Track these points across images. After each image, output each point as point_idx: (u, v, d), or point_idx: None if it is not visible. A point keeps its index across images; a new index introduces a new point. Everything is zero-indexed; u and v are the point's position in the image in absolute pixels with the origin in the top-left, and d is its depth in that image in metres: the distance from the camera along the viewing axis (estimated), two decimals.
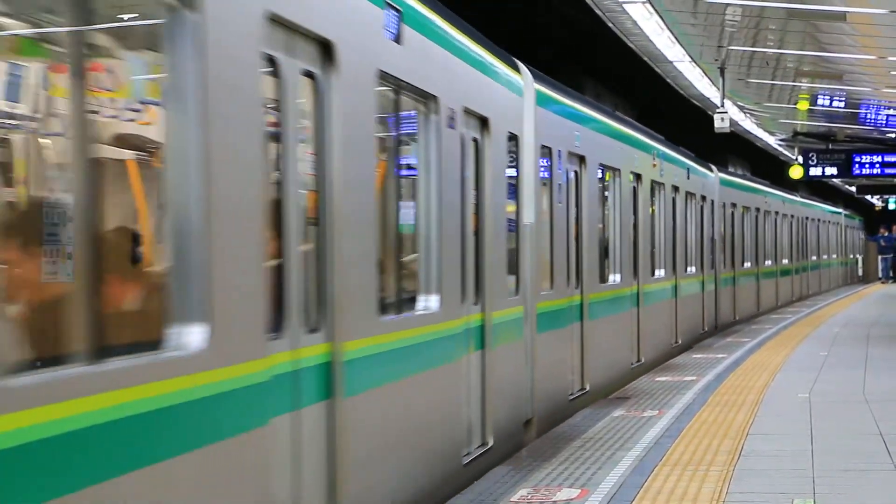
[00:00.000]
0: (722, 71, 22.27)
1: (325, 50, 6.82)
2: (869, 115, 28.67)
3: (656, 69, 22.25)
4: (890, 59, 20.46)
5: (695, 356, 19.46)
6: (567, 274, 13.71)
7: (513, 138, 11.56)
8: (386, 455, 7.71)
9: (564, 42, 21.46)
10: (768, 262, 33.55)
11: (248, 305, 5.69)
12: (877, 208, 62.12)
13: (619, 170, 16.61)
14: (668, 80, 23.85)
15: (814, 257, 44.36)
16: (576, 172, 14.29)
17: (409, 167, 9.14)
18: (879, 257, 53.46)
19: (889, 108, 27.68)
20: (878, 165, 31.46)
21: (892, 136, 31.81)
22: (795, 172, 31.99)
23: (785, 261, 36.59)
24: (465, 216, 9.93)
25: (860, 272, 59.29)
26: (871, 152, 31.73)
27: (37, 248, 4.60)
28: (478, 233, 10.43)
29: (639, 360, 17.47)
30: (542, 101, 12.54)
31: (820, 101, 27.14)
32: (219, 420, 5.37)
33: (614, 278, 16.33)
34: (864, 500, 8.13)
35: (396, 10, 8.08)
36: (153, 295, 5.34)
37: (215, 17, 5.33)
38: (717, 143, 27.93)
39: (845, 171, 31.67)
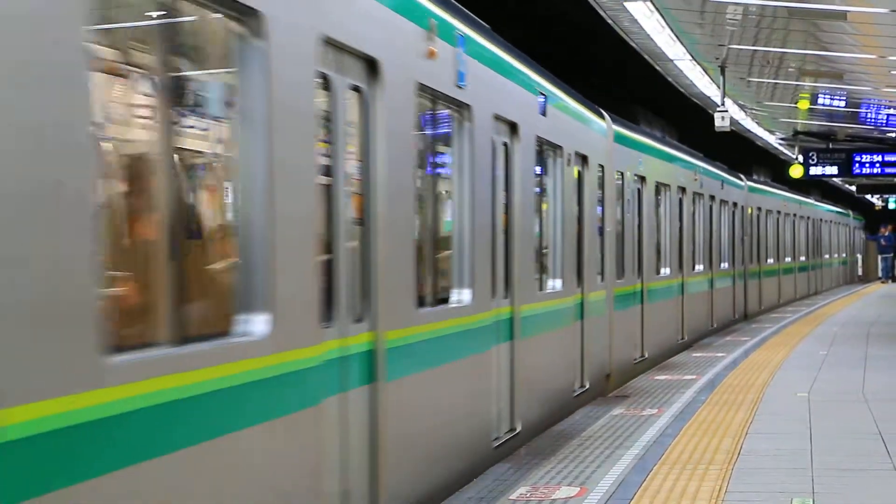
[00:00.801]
0: (722, 69, 22.25)
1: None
2: (869, 115, 28.65)
3: (656, 67, 22.25)
4: (890, 58, 20.45)
5: (694, 355, 19.47)
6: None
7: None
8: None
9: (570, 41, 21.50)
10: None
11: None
12: (877, 207, 62.13)
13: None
14: (669, 79, 23.85)
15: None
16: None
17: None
18: (879, 257, 53.51)
19: (889, 108, 27.66)
20: (878, 165, 31.45)
21: (893, 135, 31.78)
22: (796, 171, 31.97)
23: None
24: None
25: (860, 271, 59.47)
26: (872, 151, 31.71)
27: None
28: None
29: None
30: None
31: (820, 101, 27.13)
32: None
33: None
34: (863, 500, 8.13)
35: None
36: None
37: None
38: (717, 142, 27.93)
39: (845, 170, 31.65)
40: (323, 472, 6.56)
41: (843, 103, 27.17)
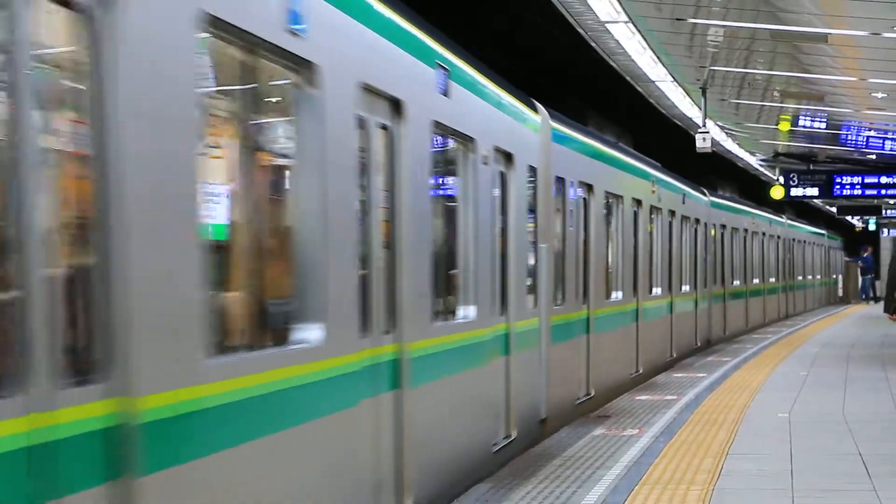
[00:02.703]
0: (704, 91, 22.34)
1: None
2: (850, 137, 28.79)
3: (638, 88, 22.33)
4: (871, 80, 20.57)
5: (675, 375, 19.49)
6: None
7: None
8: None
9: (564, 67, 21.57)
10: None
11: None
12: (857, 229, 62.36)
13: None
14: (651, 100, 23.93)
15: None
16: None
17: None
18: (861, 278, 53.68)
19: (870, 130, 27.80)
20: (858, 186, 31.57)
21: (873, 157, 31.94)
22: (777, 193, 32.09)
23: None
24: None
25: (840, 292, 59.50)
26: (852, 173, 31.85)
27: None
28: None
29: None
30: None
31: (801, 122, 27.25)
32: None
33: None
34: None
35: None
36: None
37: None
38: (700, 163, 28.01)
39: (826, 191, 31.77)
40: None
41: (823, 125, 27.30)
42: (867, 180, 31.46)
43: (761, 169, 38.64)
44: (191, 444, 5.25)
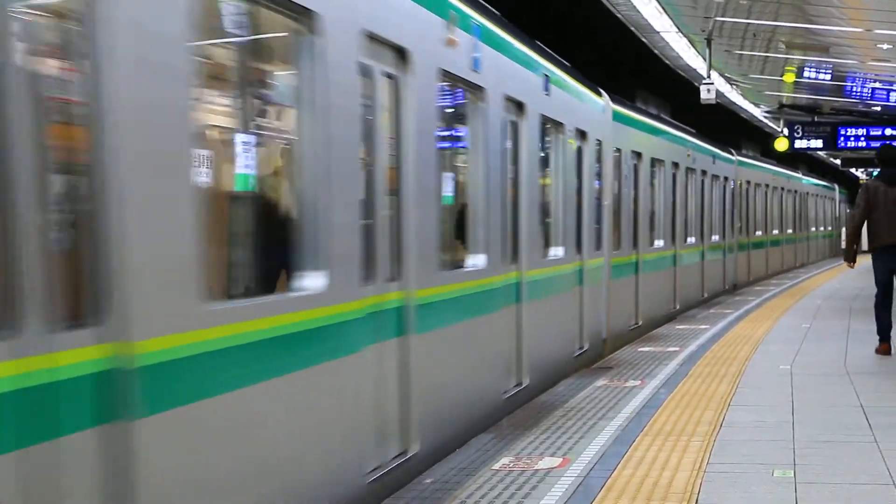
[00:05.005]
0: (709, 42, 22.23)
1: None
2: (855, 88, 28.68)
3: (643, 39, 22.22)
4: (876, 31, 20.45)
5: (678, 327, 19.52)
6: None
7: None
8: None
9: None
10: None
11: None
12: (861, 181, 62.26)
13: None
14: (655, 51, 23.82)
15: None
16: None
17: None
18: None
19: (875, 82, 27.70)
20: (863, 138, 31.48)
21: (878, 109, 31.82)
22: (781, 145, 32.00)
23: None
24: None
25: (843, 245, 59.62)
26: (857, 125, 31.75)
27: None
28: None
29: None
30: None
31: (806, 74, 27.13)
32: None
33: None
34: (844, 471, 8.17)
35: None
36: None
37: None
38: (702, 114, 27.94)
39: (830, 144, 31.68)
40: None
41: (828, 77, 27.18)
42: (872, 132, 31.36)
43: (765, 120, 38.52)
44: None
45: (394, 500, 7.90)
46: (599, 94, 16.81)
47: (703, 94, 23.18)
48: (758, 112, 36.55)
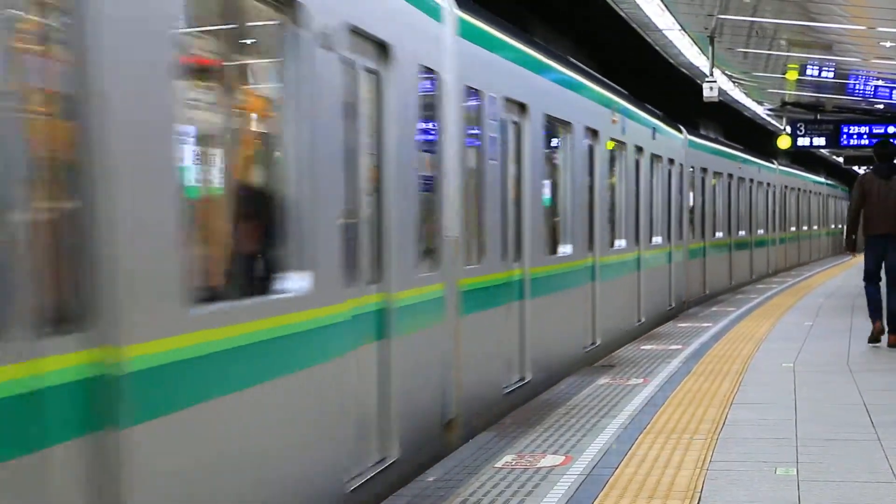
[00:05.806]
0: (711, 40, 22.21)
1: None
2: (857, 86, 28.63)
3: (646, 37, 22.19)
4: (879, 29, 20.43)
5: (680, 325, 19.51)
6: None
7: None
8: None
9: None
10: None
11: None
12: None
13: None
14: (657, 48, 23.80)
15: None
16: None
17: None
18: None
19: (877, 79, 27.65)
20: (865, 136, 31.42)
21: (881, 107, 31.78)
22: (783, 143, 31.96)
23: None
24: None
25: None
26: (859, 123, 31.71)
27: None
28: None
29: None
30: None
31: (809, 72, 27.10)
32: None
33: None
34: (847, 469, 8.16)
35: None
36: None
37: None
38: (704, 112, 27.91)
39: (833, 141, 31.63)
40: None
41: (831, 75, 27.14)
42: (875, 130, 31.31)
43: (767, 118, 38.48)
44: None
45: (395, 498, 7.90)
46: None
47: (706, 92, 23.15)
48: (760, 110, 36.51)
